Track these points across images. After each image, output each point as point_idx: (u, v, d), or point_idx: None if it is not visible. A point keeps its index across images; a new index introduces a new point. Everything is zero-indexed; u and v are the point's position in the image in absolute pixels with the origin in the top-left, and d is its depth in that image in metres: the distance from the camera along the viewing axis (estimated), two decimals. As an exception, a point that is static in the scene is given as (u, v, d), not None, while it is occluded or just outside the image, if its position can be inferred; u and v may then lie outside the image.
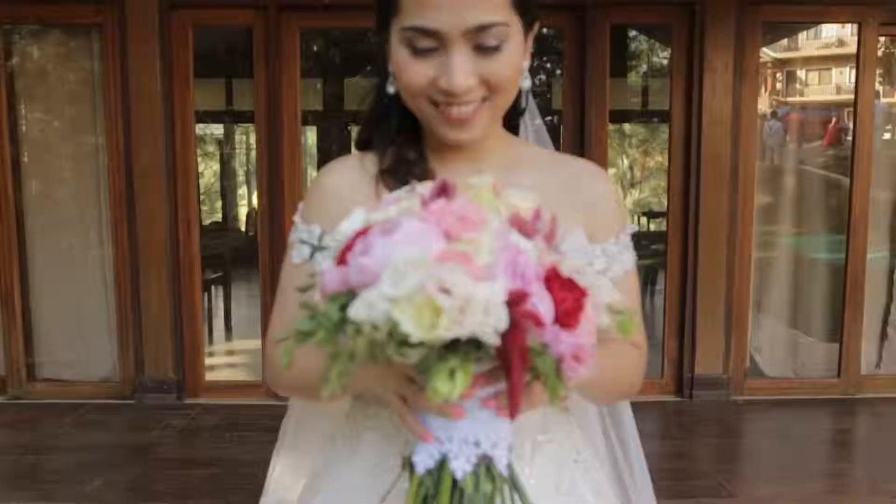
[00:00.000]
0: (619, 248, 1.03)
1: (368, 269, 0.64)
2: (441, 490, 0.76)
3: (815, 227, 4.56)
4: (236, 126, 10.07)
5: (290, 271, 1.03)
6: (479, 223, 0.67)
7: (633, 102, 8.23)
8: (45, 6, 4.10)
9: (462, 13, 0.89)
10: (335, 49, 8.56)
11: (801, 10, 4.21)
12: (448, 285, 0.62)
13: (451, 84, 0.90)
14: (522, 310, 0.64)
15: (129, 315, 4.19)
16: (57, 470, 3.36)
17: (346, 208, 0.97)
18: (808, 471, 3.42)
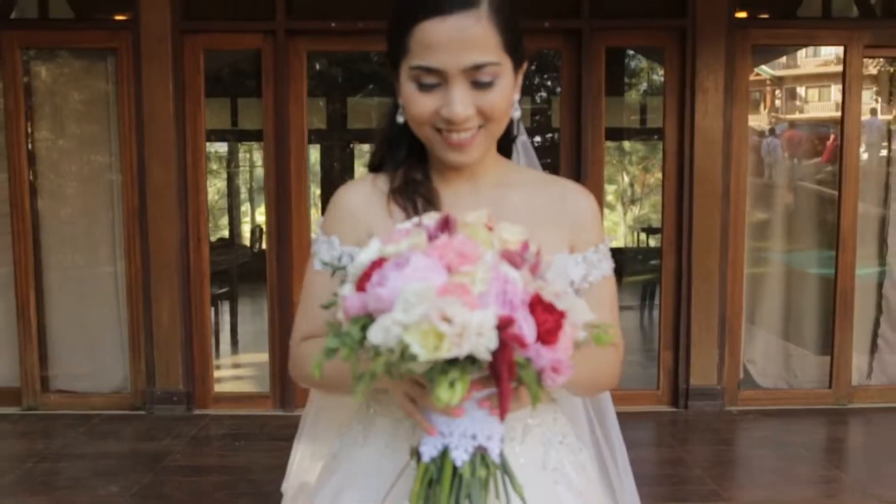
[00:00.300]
0: (598, 257, 1.18)
1: (384, 298, 0.80)
2: (443, 475, 0.91)
3: (812, 242, 4.70)
4: (239, 144, 10.26)
5: (312, 278, 1.19)
6: (474, 257, 0.82)
7: (633, 120, 8.43)
8: (62, 32, 4.31)
9: (461, 54, 1.05)
10: (338, 68, 8.76)
11: (789, 33, 4.40)
12: (449, 315, 0.77)
13: (451, 114, 1.06)
14: (509, 333, 0.80)
15: (141, 328, 4.35)
16: (72, 476, 3.50)
17: (361, 222, 1.13)
18: (800, 477, 3.55)
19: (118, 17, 4.29)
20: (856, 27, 4.25)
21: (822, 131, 5.76)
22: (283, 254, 4.33)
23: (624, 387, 4.78)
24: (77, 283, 4.46)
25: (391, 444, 1.12)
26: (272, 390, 4.43)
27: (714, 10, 4.19)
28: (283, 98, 4.26)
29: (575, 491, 1.14)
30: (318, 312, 1.11)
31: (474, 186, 1.16)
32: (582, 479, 1.17)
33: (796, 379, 4.59)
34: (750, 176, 4.45)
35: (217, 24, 4.32)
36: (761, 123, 5.61)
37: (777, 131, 6.20)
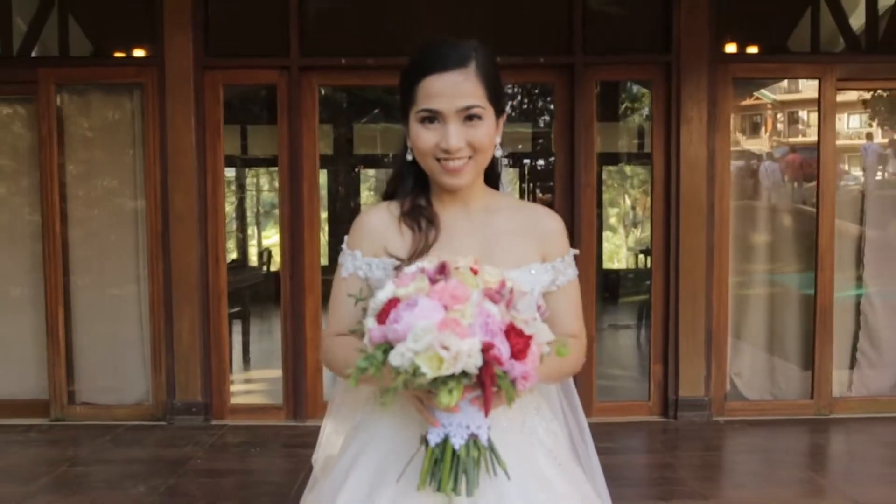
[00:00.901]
0: (564, 265, 1.52)
1: (399, 332, 1.13)
2: (445, 456, 1.24)
3: (805, 263, 4.96)
4: (246, 169, 10.66)
5: (339, 283, 1.52)
6: (464, 298, 1.16)
7: (633, 144, 8.78)
8: (92, 68, 4.71)
9: (454, 99, 1.40)
10: (343, 94, 9.17)
11: (767, 67, 4.77)
12: (446, 344, 1.11)
13: (448, 144, 1.41)
14: (490, 354, 1.14)
15: (162, 344, 4.68)
16: (103, 479, 3.83)
17: (378, 239, 1.47)
18: (779, 480, 3.84)
19: (144, 55, 4.68)
20: (828, 62, 4.62)
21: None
22: (297, 273, 4.67)
23: (618, 399, 5.13)
24: (102, 302, 4.80)
25: (402, 418, 1.43)
26: (285, 402, 4.75)
27: (697, 46, 4.56)
28: (296, 128, 4.63)
29: (546, 450, 1.46)
30: (345, 312, 1.46)
31: (466, 210, 1.50)
32: (553, 441, 1.49)
33: (780, 391, 4.89)
34: (747, 199, 4.80)
35: (235, 60, 4.71)
36: (762, 147, 5.90)
37: (775, 155, 6.51)
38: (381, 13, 4.79)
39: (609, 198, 13.19)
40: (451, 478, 1.22)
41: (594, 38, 4.65)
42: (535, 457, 1.43)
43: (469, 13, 4.73)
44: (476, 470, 1.24)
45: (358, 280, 1.47)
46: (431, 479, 1.23)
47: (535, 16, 4.77)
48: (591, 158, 4.72)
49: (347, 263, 1.50)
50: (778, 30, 4.76)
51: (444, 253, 1.43)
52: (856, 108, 8.72)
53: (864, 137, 6.93)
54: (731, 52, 4.71)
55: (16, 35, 4.76)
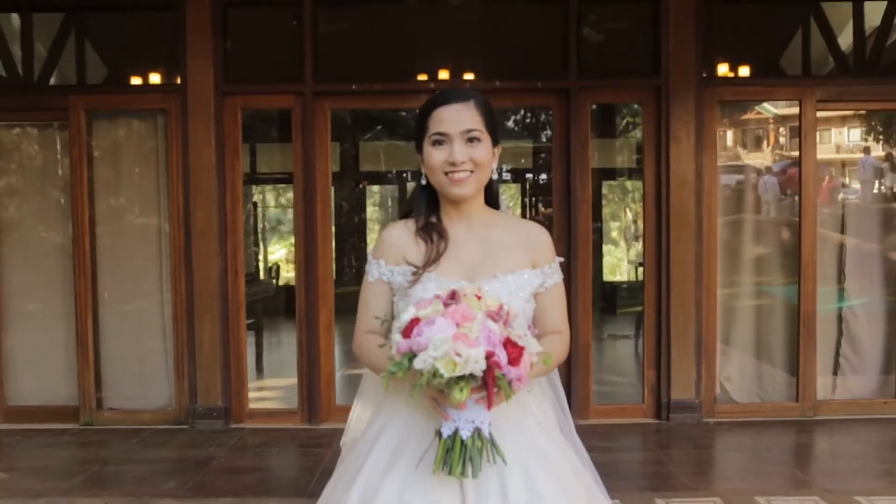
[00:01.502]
0: (551, 271, 1.87)
1: (422, 343, 1.48)
2: (455, 445, 1.58)
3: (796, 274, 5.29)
4: (253, 186, 11.05)
5: (367, 287, 1.87)
6: (471, 317, 1.51)
7: (631, 160, 9.16)
8: (120, 95, 5.09)
9: (459, 124, 1.77)
10: (348, 113, 9.57)
11: (751, 90, 5.15)
12: (459, 352, 1.46)
13: (454, 158, 1.77)
14: (492, 360, 1.48)
15: (185, 352, 5.04)
16: (135, 476, 4.17)
17: (398, 250, 1.82)
18: (761, 474, 4.17)
19: (168, 83, 5.06)
20: (808, 85, 4.98)
21: (820, 172, 6.37)
22: (311, 285, 5.03)
23: (614, 402, 5.47)
24: (128, 314, 5.17)
25: (415, 406, 1.75)
26: (300, 406, 5.10)
27: (684, 70, 4.93)
28: (310, 149, 5.00)
29: (537, 422, 1.81)
30: (371, 313, 1.81)
31: (469, 225, 1.86)
32: (543, 416, 1.84)
33: (767, 394, 5.23)
34: (739, 213, 5.16)
35: (253, 87, 5.11)
36: (764, 161, 6.25)
37: (774, 169, 6.83)
38: (387, 43, 5.19)
39: (610, 212, 13.55)
40: (460, 463, 1.56)
41: (588, 63, 5.02)
42: (530, 429, 1.77)
43: (470, 42, 5.13)
44: (480, 457, 1.59)
45: (382, 284, 1.83)
46: (444, 465, 1.57)
47: (532, 43, 5.17)
48: (587, 176, 5.08)
49: (373, 271, 1.86)
50: (762, 54, 5.13)
51: (451, 260, 1.79)
52: (855, 123, 9.03)
53: (861, 152, 7.29)
54: (717, 76, 5.08)
55: (46, 64, 5.16)
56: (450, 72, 5.08)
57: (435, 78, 5.09)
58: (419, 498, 1.62)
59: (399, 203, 12.67)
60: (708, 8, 4.93)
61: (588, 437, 2.55)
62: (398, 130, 10.20)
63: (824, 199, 5.98)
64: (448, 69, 5.09)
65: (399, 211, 12.22)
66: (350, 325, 1.94)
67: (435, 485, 1.60)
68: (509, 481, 1.64)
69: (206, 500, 3.77)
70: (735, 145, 5.42)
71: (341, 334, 5.27)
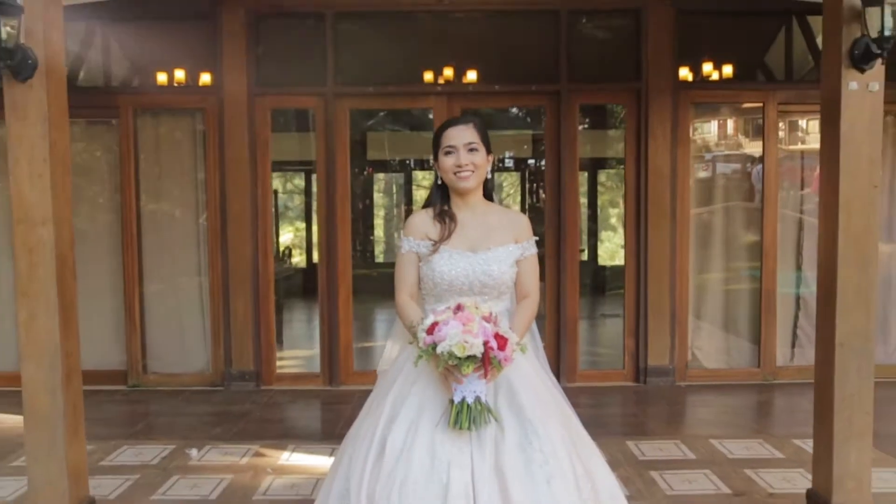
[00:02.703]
0: (528, 245, 2.66)
1: (441, 336, 2.27)
2: (462, 409, 2.34)
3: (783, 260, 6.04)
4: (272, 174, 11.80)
5: (401, 257, 2.66)
6: (472, 320, 2.30)
7: (616, 150, 9.91)
8: (164, 95, 5.87)
9: (462, 139, 2.56)
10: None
11: (720, 93, 5.93)
12: (466, 340, 2.25)
13: (459, 161, 2.56)
14: (488, 346, 2.28)
15: (220, 322, 5.85)
16: (185, 425, 4.99)
17: (421, 230, 2.63)
18: (726, 424, 4.97)
19: (206, 85, 5.84)
20: (770, 89, 5.77)
21: (814, 163, 7.08)
22: (332, 264, 5.84)
23: (600, 368, 6.29)
24: (171, 288, 5.98)
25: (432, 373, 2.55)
26: (322, 370, 5.92)
27: (661, 75, 5.71)
28: (331, 144, 5.79)
29: (522, 356, 2.62)
30: (406, 276, 2.60)
31: (472, 212, 2.64)
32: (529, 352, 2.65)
33: (733, 361, 6.05)
34: (715, 201, 5.95)
35: (281, 89, 5.87)
36: (732, 154, 6.90)
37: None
38: (399, 50, 5.96)
39: (609, 199, 14.35)
40: (468, 420, 2.33)
41: (576, 69, 5.80)
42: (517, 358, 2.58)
43: (473, 50, 5.90)
44: (480, 417, 2.38)
45: (412, 254, 2.62)
46: (456, 422, 2.34)
47: (527, 51, 5.95)
48: (575, 168, 5.87)
49: (405, 245, 2.65)
50: (731, 62, 5.88)
51: (459, 237, 2.58)
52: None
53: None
54: (690, 81, 5.85)
55: (102, 68, 5.95)
56: (454, 76, 5.87)
57: (441, 81, 5.89)
58: (444, 443, 2.39)
59: (404, 189, 13.49)
60: (682, 21, 5.71)
61: (575, 397, 3.38)
62: (402, 119, 10.94)
63: (815, 189, 6.74)
64: (453, 74, 5.88)
65: (405, 199, 13.09)
66: (361, 305, 2.73)
67: (452, 435, 2.39)
68: (502, 418, 2.43)
69: (249, 443, 4.58)
70: (707, 141, 6.19)
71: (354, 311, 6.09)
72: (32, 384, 3.15)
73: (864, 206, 3.12)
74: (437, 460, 2.30)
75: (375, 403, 2.57)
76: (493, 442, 2.35)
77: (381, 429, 2.39)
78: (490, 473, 2.30)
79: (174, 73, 5.86)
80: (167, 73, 5.86)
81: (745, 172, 6.15)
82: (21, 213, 3.09)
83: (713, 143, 6.23)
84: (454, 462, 2.30)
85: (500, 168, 12.89)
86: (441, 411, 2.38)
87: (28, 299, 3.12)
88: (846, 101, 3.08)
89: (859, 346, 3.17)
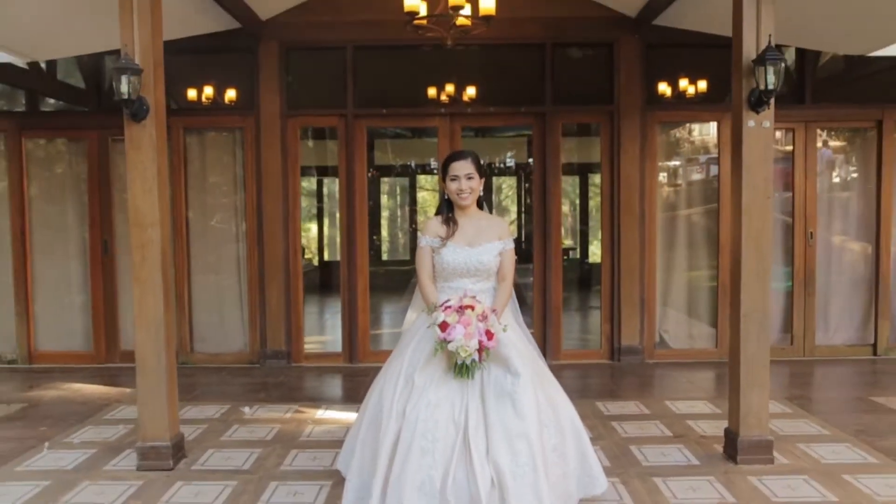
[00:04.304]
0: (508, 242, 3.80)
1: (450, 338, 3.39)
2: (462, 368, 3.46)
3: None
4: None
5: (420, 250, 3.79)
6: (470, 323, 3.45)
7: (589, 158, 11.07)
8: (208, 116, 7.04)
9: (463, 170, 3.71)
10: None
11: (682, 114, 7.10)
12: (467, 345, 3.39)
13: (460, 187, 3.71)
14: (481, 343, 3.43)
15: (257, 309, 7.03)
16: (233, 392, 6.16)
17: (435, 230, 3.82)
18: (686, 391, 6.11)
19: (245, 107, 7.01)
20: (723, 109, 6.92)
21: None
22: (352, 259, 7.01)
23: (580, 348, 7.46)
24: (214, 280, 7.15)
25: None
26: (343, 350, 7.10)
27: (631, 99, 6.88)
28: (351, 157, 6.97)
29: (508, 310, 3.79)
30: (426, 265, 3.76)
31: (469, 219, 3.79)
32: (509, 316, 3.81)
33: (695, 342, 7.22)
34: (679, 205, 7.11)
35: (309, 110, 7.05)
36: (694, 165, 8.03)
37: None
38: (408, 77, 7.14)
39: (595, 204, 15.56)
40: (466, 374, 3.43)
41: (559, 93, 6.96)
42: (504, 314, 3.75)
43: (470, 78, 7.08)
44: (473, 369, 3.49)
45: (427, 248, 3.77)
46: (458, 374, 3.46)
47: (517, 79, 7.13)
48: (558, 176, 7.04)
49: (422, 241, 3.80)
50: (691, 87, 7.06)
51: (460, 236, 3.74)
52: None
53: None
54: (656, 103, 7.02)
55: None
56: (455, 99, 7.05)
57: (443, 104, 7.05)
58: (450, 382, 3.53)
59: (408, 192, 14.69)
60: (649, 53, 6.89)
61: (559, 371, 4.54)
62: (405, 127, 12.10)
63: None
64: (454, 96, 7.05)
65: (409, 201, 14.26)
66: (375, 300, 3.85)
67: (454, 381, 3.51)
68: (490, 365, 3.58)
69: (289, 404, 5.74)
70: (671, 153, 7.36)
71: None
72: (143, 345, 4.33)
73: (760, 212, 4.28)
74: (447, 390, 3.47)
75: (398, 352, 3.73)
76: (479, 381, 3.51)
77: (405, 367, 3.55)
78: (477, 400, 3.47)
79: (219, 97, 7.04)
80: (213, 97, 7.04)
81: (706, 181, 7.31)
82: (135, 219, 4.26)
83: (676, 155, 7.39)
84: (456, 393, 3.47)
85: (500, 171, 14.13)
86: (447, 362, 3.56)
87: (140, 283, 4.29)
88: (746, 135, 4.26)
89: (758, 318, 4.33)
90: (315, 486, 4.08)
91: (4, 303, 7.15)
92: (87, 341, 7.21)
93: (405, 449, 3.36)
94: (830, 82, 7.26)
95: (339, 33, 6.85)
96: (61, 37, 5.69)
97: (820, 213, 7.21)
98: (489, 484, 3.31)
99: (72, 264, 7.20)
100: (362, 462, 3.60)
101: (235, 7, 6.12)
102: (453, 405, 3.43)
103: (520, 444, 3.38)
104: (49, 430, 5.15)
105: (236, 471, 4.32)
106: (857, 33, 5.74)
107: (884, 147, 7.07)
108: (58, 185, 7.21)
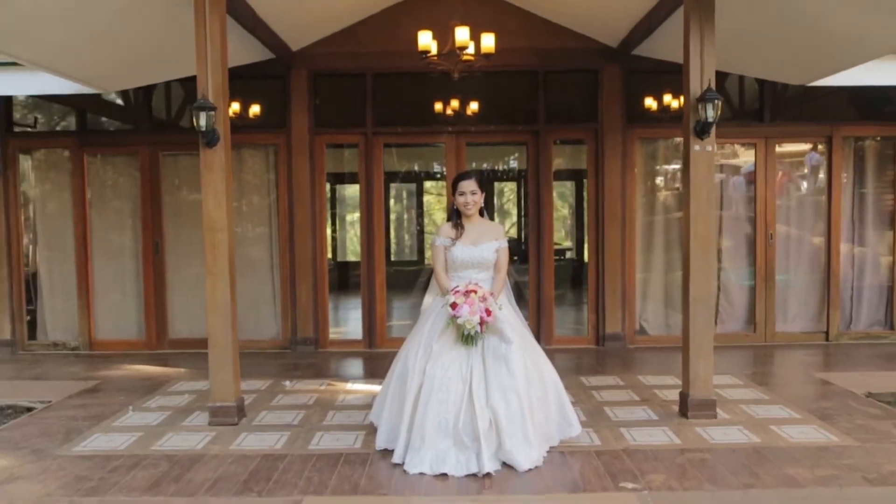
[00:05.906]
0: (503, 242, 4.99)
1: (459, 314, 4.58)
2: (467, 337, 4.69)
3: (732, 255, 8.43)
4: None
5: (435, 248, 4.99)
6: (474, 303, 4.64)
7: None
8: (247, 134, 8.26)
9: (468, 188, 4.92)
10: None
11: (658, 131, 8.29)
12: (472, 320, 4.58)
13: (466, 201, 4.92)
14: (482, 318, 4.63)
15: (289, 303, 8.24)
16: (271, 370, 7.35)
17: (447, 233, 5.05)
18: (652, 369, 7.26)
19: (278, 126, 8.23)
20: (693, 127, 8.11)
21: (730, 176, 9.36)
22: (371, 258, 8.23)
23: (569, 335, 8.67)
24: (251, 279, 8.35)
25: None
26: (364, 338, 8.31)
27: (614, 118, 8.08)
28: (370, 170, 8.18)
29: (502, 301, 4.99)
30: (441, 261, 4.96)
31: (473, 225, 4.97)
32: (503, 299, 5.01)
33: (671, 329, 8.41)
34: (656, 212, 8.33)
35: (333, 129, 8.26)
36: (748, 160, 9.19)
37: (742, 171, 9.81)
38: (419, 100, 8.36)
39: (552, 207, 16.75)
40: (469, 342, 4.65)
41: (550, 114, 8.17)
42: (501, 298, 4.95)
43: (473, 100, 8.29)
44: (476, 338, 4.70)
45: (441, 247, 4.97)
46: (464, 342, 4.68)
47: (514, 101, 8.34)
48: (550, 187, 8.24)
49: (437, 241, 5.00)
50: (666, 107, 8.28)
51: (466, 238, 4.94)
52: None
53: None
54: (635, 122, 8.23)
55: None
56: (460, 119, 8.27)
57: (450, 123, 8.27)
58: (460, 348, 4.73)
59: (415, 197, 15.88)
60: (630, 78, 8.10)
61: (551, 354, 5.74)
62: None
63: (779, 192, 9.07)
64: (459, 117, 8.28)
65: (416, 205, 15.41)
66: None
67: (462, 348, 4.72)
68: (488, 336, 4.78)
69: (321, 379, 6.95)
70: (649, 165, 8.58)
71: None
72: (214, 327, 5.54)
73: (705, 220, 5.49)
74: (456, 354, 4.67)
75: (419, 327, 4.93)
76: (481, 347, 4.69)
77: (425, 337, 4.77)
78: (479, 362, 4.67)
79: (255, 117, 8.26)
80: (249, 117, 8.26)
81: (679, 190, 8.52)
82: (208, 225, 5.47)
83: (654, 166, 8.60)
84: (463, 357, 4.67)
85: (502, 177, 15.32)
86: (456, 333, 4.75)
87: (213, 276, 5.51)
88: (693, 157, 5.46)
89: (704, 301, 5.54)
90: (352, 434, 5.29)
91: (68, 298, 8.38)
92: (139, 330, 8.43)
93: (426, 398, 4.57)
94: (788, 103, 8.45)
95: (360, 62, 8.07)
96: (132, 72, 6.92)
97: (805, 217, 8.43)
98: (488, 424, 4.52)
99: (126, 264, 8.42)
100: (391, 411, 4.80)
101: (271, 40, 7.33)
102: (461, 366, 4.64)
103: (511, 395, 4.58)
104: (126, 398, 6.36)
105: (288, 425, 5.53)
106: (797, 66, 6.95)
107: (833, 160, 8.27)
108: (114, 195, 8.43)
